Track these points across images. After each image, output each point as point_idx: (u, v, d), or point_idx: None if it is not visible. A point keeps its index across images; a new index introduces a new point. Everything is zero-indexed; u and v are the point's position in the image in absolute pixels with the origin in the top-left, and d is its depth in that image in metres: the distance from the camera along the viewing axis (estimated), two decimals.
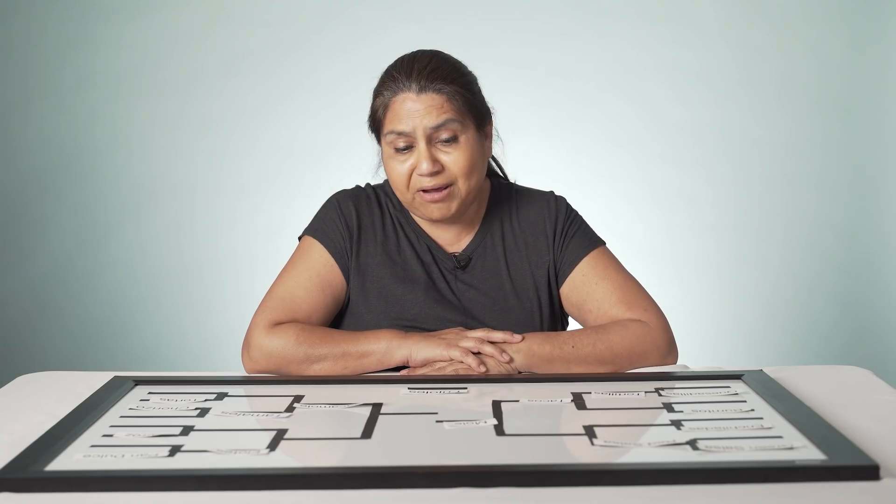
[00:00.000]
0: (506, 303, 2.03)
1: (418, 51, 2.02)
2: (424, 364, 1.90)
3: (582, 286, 2.03)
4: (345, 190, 2.10)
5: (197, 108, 4.02)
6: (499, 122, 2.09)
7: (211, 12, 4.01)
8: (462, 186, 1.97)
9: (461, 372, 1.87)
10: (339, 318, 2.06)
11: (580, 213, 2.11)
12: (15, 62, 3.99)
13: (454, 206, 1.98)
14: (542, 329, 2.03)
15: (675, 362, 1.99)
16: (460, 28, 3.89)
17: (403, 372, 1.91)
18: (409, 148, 1.96)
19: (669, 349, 1.98)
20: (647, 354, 1.95)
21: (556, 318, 2.06)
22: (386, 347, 1.92)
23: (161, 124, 4.03)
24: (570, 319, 2.13)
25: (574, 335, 1.94)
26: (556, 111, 4.03)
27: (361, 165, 2.16)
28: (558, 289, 2.06)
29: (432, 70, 1.96)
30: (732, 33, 4.02)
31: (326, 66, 4.00)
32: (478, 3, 4.01)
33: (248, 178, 4.05)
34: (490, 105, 2.05)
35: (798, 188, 4.06)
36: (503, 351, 1.89)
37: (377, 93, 2.00)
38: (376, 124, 2.01)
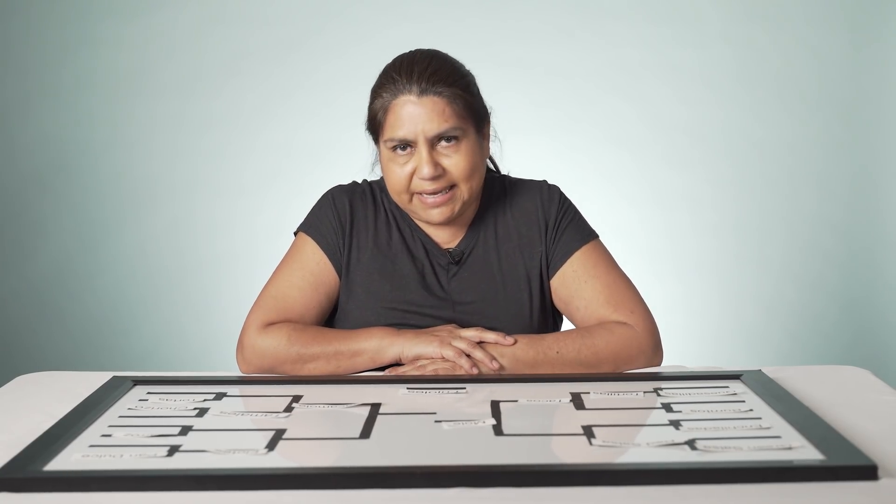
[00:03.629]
0: (495, 294, 2.02)
1: (416, 51, 2.00)
2: (416, 360, 1.90)
3: (572, 282, 2.02)
4: (340, 185, 2.10)
5: (197, 108, 4.03)
6: (499, 121, 2.08)
7: (211, 12, 4.01)
8: (464, 189, 1.96)
9: (440, 372, 1.86)
10: (332, 313, 2.06)
11: (578, 208, 2.10)
12: (15, 62, 3.99)
13: (456, 208, 1.98)
14: (532, 320, 2.02)
15: (660, 363, 1.98)
16: (460, 28, 3.89)
17: (392, 369, 1.91)
18: (408, 148, 1.95)
19: (655, 352, 1.97)
20: (633, 359, 1.95)
21: (546, 310, 2.05)
22: (377, 346, 1.91)
23: (161, 124, 4.03)
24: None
25: (559, 339, 1.94)
26: (555, 111, 4.03)
27: (361, 165, 2.16)
28: (549, 280, 2.05)
29: (433, 73, 1.94)
30: (732, 33, 4.02)
31: (326, 66, 4.00)
32: (478, 3, 4.01)
33: (248, 178, 4.05)
34: (488, 104, 2.05)
35: (798, 188, 4.06)
36: (493, 358, 1.89)
37: (376, 94, 1.98)
38: (375, 127, 2.00)
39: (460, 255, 2.04)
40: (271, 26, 4.01)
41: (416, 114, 1.93)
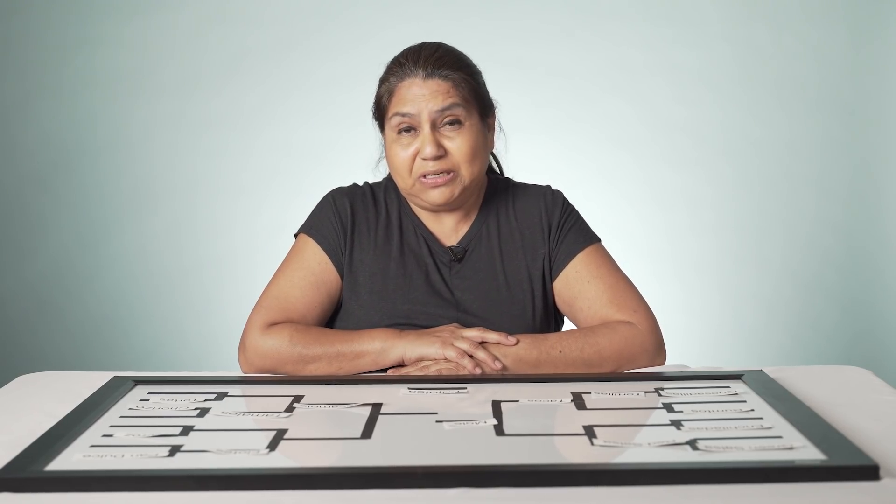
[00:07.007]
0: (498, 294, 2.02)
1: (424, 42, 2.03)
2: (419, 361, 1.90)
3: (575, 283, 2.02)
4: (341, 187, 2.10)
5: (197, 108, 4.03)
6: (499, 120, 2.09)
7: (210, 12, 4.01)
8: (465, 172, 1.97)
9: (444, 372, 1.87)
10: (333, 313, 2.06)
11: (578, 210, 2.11)
12: (15, 62, 3.99)
13: (457, 190, 1.98)
14: (534, 322, 2.03)
15: (663, 363, 1.98)
16: (460, 28, 3.89)
17: (395, 370, 1.91)
18: (412, 131, 1.96)
19: (658, 351, 1.97)
20: (636, 357, 1.95)
21: (548, 311, 2.05)
22: (381, 347, 1.91)
23: (161, 124, 4.03)
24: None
25: (562, 338, 1.94)
26: (556, 111, 4.03)
27: (361, 165, 2.16)
28: (552, 282, 2.05)
29: (439, 58, 1.97)
30: (732, 33, 4.02)
31: (326, 66, 4.00)
32: (478, 3, 4.01)
33: (248, 178, 4.05)
34: (494, 99, 2.06)
35: (798, 188, 4.06)
36: (496, 358, 1.89)
37: (383, 80, 2.01)
38: (381, 111, 2.02)
39: (462, 252, 2.04)
40: (271, 26, 4.01)
41: (420, 94, 1.95)
